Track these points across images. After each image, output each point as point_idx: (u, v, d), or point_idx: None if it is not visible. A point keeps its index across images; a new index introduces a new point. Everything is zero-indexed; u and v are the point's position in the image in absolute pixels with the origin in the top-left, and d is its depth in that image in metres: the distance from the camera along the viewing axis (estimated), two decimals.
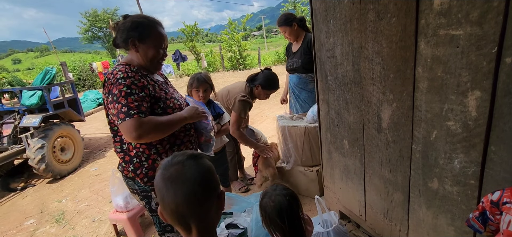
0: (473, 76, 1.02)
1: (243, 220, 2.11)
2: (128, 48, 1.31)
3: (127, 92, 1.20)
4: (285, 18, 2.72)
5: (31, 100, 3.86)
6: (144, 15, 1.36)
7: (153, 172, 1.32)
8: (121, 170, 1.39)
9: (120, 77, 1.21)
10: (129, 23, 1.28)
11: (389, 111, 1.41)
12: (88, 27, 33.33)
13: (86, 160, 4.59)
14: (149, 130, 1.21)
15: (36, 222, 2.97)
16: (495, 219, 0.91)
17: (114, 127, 1.32)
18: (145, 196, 1.38)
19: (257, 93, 2.54)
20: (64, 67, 9.09)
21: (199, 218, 0.75)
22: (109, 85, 1.22)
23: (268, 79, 2.50)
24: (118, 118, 1.19)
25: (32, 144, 3.66)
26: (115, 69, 1.25)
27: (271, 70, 2.60)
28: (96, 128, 6.57)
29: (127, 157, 1.32)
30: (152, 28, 1.31)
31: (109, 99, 1.21)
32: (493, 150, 1.04)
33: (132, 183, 1.38)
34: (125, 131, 1.19)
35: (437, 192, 1.31)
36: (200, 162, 0.78)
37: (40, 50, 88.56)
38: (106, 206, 3.08)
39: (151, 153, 1.31)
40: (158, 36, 1.32)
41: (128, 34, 1.28)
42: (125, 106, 1.18)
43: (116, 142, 1.35)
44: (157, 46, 1.32)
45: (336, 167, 2.00)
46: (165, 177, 0.74)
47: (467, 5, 0.98)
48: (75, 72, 13.67)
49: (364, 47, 1.44)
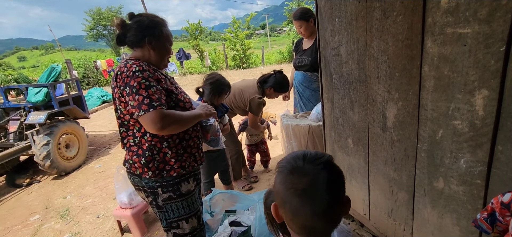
0: (481, 75, 1.01)
1: (247, 218, 2.11)
2: (141, 46, 1.34)
3: (146, 84, 1.22)
4: (301, 12, 2.70)
5: (37, 97, 3.89)
6: (153, 14, 1.40)
7: (163, 165, 1.35)
8: (128, 167, 1.40)
9: (136, 70, 1.23)
10: (146, 21, 1.33)
11: (394, 110, 1.40)
12: (93, 25, 33.52)
13: (90, 157, 4.63)
14: (171, 122, 1.25)
15: (41, 217, 3.00)
16: (505, 221, 0.90)
17: (125, 121, 1.33)
18: (152, 192, 1.39)
19: (268, 94, 2.72)
20: (69, 64, 9.15)
21: (330, 230, 0.68)
22: (124, 78, 1.23)
23: (280, 82, 2.70)
24: (140, 110, 1.20)
25: (38, 141, 3.69)
26: (127, 63, 1.26)
27: (282, 72, 2.77)
28: (101, 126, 6.61)
29: (140, 150, 1.33)
30: (164, 27, 1.38)
31: (127, 91, 1.22)
32: (500, 149, 1.03)
33: (138, 180, 1.39)
34: (149, 122, 1.21)
35: (443, 191, 1.30)
36: (335, 169, 0.67)
37: (45, 48, 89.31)
38: (110, 202, 3.11)
39: (163, 146, 1.34)
40: (169, 34, 1.41)
41: (145, 33, 1.32)
42: (147, 98, 1.20)
43: (129, 136, 1.35)
44: (169, 44, 1.41)
45: (339, 166, 2.00)
46: (298, 189, 0.63)
47: (475, 3, 0.97)
48: (80, 70, 13.75)
49: (369, 46, 1.43)
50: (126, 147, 1.39)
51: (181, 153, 1.39)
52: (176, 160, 1.37)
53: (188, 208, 1.45)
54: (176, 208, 1.42)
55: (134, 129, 1.34)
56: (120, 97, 1.27)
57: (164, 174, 1.35)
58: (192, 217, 1.47)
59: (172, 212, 1.42)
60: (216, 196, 2.20)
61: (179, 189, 1.40)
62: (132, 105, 1.22)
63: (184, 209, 1.44)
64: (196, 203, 1.50)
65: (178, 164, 1.38)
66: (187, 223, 1.46)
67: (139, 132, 1.32)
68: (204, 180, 2.49)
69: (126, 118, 1.31)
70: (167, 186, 1.37)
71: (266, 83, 2.70)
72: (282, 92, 2.80)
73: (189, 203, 1.45)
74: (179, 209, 1.42)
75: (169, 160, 1.36)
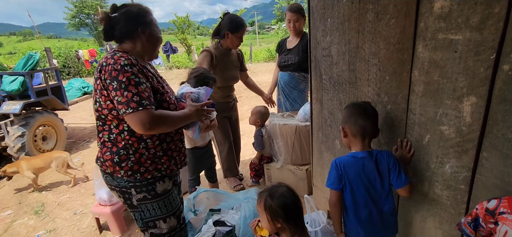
0: (470, 82, 1.02)
1: (231, 217, 2.08)
2: (132, 38, 1.27)
3: (136, 81, 1.16)
4: (299, 6, 2.68)
5: (12, 86, 3.69)
6: (139, 4, 1.32)
7: (138, 166, 1.27)
8: (100, 165, 1.31)
9: (125, 63, 1.15)
10: (135, 11, 1.27)
11: (383, 113, 1.40)
12: (75, 13, 32.20)
13: (68, 150, 4.43)
14: (160, 123, 1.20)
15: (14, 213, 2.84)
16: (487, 227, 0.92)
17: (103, 115, 1.25)
18: (125, 192, 1.31)
19: (229, 42, 2.42)
20: (48, 53, 8.73)
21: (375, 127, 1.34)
22: (111, 71, 1.14)
23: (233, 20, 2.38)
24: (128, 107, 1.13)
25: (12, 132, 3.50)
26: (115, 54, 1.18)
27: (228, 12, 2.50)
28: (81, 118, 6.37)
29: (114, 147, 1.25)
30: (152, 15, 1.33)
31: (114, 85, 1.14)
32: (485, 156, 1.05)
33: (110, 179, 1.31)
34: (138, 121, 1.15)
35: (427, 195, 1.31)
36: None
37: (24, 34, 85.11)
38: (89, 198, 2.98)
39: (140, 147, 1.26)
40: (156, 22, 1.35)
41: (138, 22, 1.26)
42: (137, 95, 1.14)
43: (104, 131, 1.27)
44: (159, 32, 1.36)
45: (326, 167, 2.00)
46: (361, 111, 1.32)
47: (468, 10, 0.97)
48: (60, 59, 13.21)
49: (361, 48, 1.43)
50: (100, 142, 1.30)
51: (159, 156, 1.31)
52: (152, 162, 1.29)
53: (165, 208, 1.37)
54: (152, 208, 1.34)
55: (111, 125, 1.25)
56: (102, 89, 1.19)
57: (137, 176, 1.27)
58: (170, 216, 1.40)
59: (148, 211, 1.35)
60: (200, 194, 2.15)
61: (154, 190, 1.32)
62: (119, 101, 1.14)
63: (161, 209, 1.36)
64: (175, 202, 1.42)
65: (154, 166, 1.30)
66: (165, 223, 1.38)
67: (116, 128, 1.25)
68: (189, 177, 2.42)
69: (104, 113, 1.23)
70: (141, 186, 1.30)
71: (220, 32, 2.41)
72: (240, 29, 2.40)
73: (166, 203, 1.37)
74: (155, 209, 1.35)
75: (145, 162, 1.27)
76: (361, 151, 1.31)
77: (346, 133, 1.35)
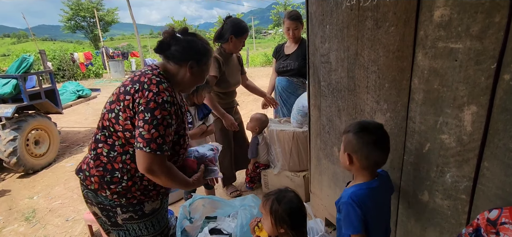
0: (470, 91, 1.01)
1: (228, 225, 2.04)
2: (179, 64, 1.23)
3: (169, 122, 1.12)
4: (298, 14, 2.68)
5: (4, 89, 3.61)
6: (206, 40, 1.30)
7: (126, 192, 1.20)
8: (82, 178, 1.23)
9: (167, 100, 1.12)
10: (199, 45, 1.24)
11: (382, 121, 1.39)
12: (71, 16, 31.94)
13: (62, 155, 4.36)
14: (163, 175, 1.15)
15: (4, 220, 2.77)
16: None
17: (112, 128, 1.16)
18: (110, 210, 1.24)
19: (232, 46, 2.37)
20: (43, 55, 8.62)
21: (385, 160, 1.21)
22: (150, 101, 1.09)
23: (237, 24, 2.33)
24: (148, 146, 1.08)
25: (3, 136, 3.43)
26: (160, 83, 1.13)
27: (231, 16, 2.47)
28: (75, 122, 6.28)
29: (109, 165, 1.18)
30: (210, 58, 1.30)
31: (146, 118, 1.08)
32: (487, 166, 1.04)
33: (92, 195, 1.24)
34: (146, 161, 1.10)
35: (427, 205, 1.30)
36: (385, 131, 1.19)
37: (18, 36, 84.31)
38: (82, 205, 2.91)
39: (136, 175, 1.20)
40: (209, 67, 1.34)
41: (193, 56, 1.22)
42: (161, 138, 1.10)
43: (106, 144, 1.19)
44: (205, 76, 1.34)
45: (324, 174, 1.98)
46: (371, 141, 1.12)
47: (468, 19, 0.97)
48: (54, 62, 13.06)
49: (360, 55, 1.42)
50: (94, 152, 1.21)
51: (150, 189, 1.26)
52: (142, 194, 1.24)
53: (153, 228, 1.30)
54: (138, 228, 1.27)
55: (116, 141, 1.18)
56: (129, 108, 1.12)
57: (123, 200, 1.21)
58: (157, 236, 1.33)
59: (134, 231, 1.28)
60: (196, 202, 2.10)
61: (141, 210, 1.25)
62: (141, 134, 1.08)
63: (148, 229, 1.29)
64: (163, 221, 1.35)
65: (141, 195, 1.24)
66: None
67: (121, 148, 1.18)
68: None
69: (116, 127, 1.15)
70: (128, 206, 1.23)
71: (223, 36, 2.33)
72: (245, 33, 2.38)
73: (154, 223, 1.30)
74: (141, 229, 1.27)
75: (135, 192, 1.22)
76: (374, 180, 1.19)
77: (351, 161, 1.16)
